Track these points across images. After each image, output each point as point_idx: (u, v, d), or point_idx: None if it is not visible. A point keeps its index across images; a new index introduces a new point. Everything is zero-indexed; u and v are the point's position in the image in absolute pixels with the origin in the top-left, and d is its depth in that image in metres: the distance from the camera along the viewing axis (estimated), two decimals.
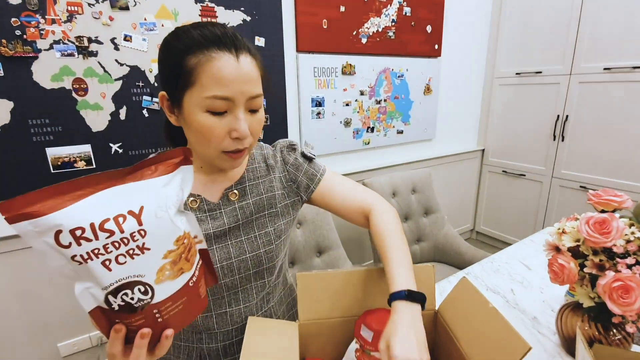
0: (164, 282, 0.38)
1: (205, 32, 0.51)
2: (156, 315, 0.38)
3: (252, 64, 0.53)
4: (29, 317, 1.31)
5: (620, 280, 0.54)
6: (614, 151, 1.98)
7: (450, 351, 0.57)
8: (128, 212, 0.34)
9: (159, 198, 0.37)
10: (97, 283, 0.34)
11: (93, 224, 0.33)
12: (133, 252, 0.35)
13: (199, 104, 0.51)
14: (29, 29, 1.13)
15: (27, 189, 1.16)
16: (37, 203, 0.32)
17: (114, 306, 0.35)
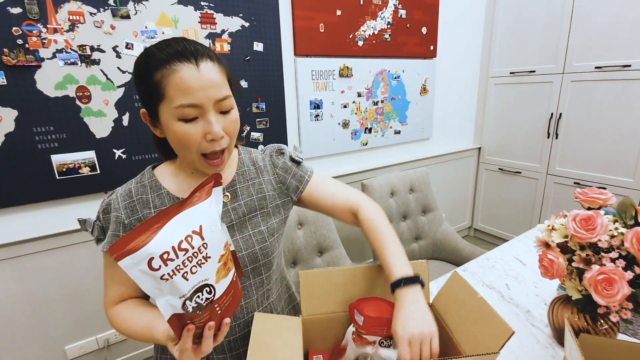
0: (221, 280, 0.47)
1: (166, 49, 0.55)
2: (217, 309, 0.47)
3: (214, 69, 0.56)
4: (36, 321, 1.34)
5: (604, 273, 0.58)
6: (606, 148, 2.02)
7: (442, 340, 0.60)
8: (193, 232, 0.44)
9: (209, 217, 0.47)
10: (177, 293, 0.42)
11: (174, 247, 0.42)
12: (201, 262, 0.44)
13: (171, 114, 0.55)
14: (31, 38, 1.16)
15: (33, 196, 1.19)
16: (132, 241, 0.40)
17: (189, 308, 0.43)
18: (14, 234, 1.25)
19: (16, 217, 1.26)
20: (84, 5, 1.21)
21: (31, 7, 1.14)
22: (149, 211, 0.63)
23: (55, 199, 1.30)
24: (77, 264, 1.38)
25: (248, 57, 1.57)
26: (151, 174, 0.66)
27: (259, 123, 1.68)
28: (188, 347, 0.46)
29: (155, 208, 0.64)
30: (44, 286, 1.33)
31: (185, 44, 0.56)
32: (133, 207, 0.63)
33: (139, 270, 0.40)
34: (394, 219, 1.74)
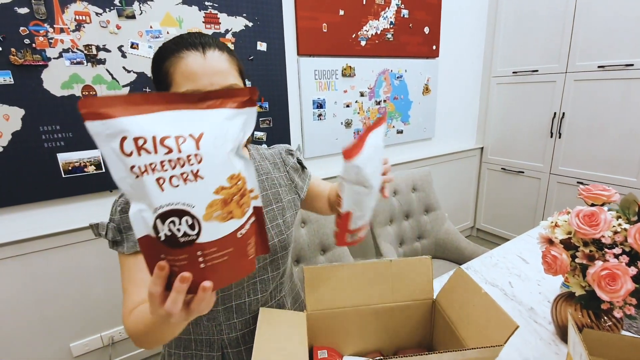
0: (212, 221, 0.36)
1: (178, 40, 0.57)
2: (199, 259, 0.36)
3: (221, 58, 0.57)
4: (43, 318, 1.35)
5: (608, 269, 0.58)
6: (609, 147, 2.01)
7: (447, 336, 0.61)
8: (189, 135, 0.35)
9: (219, 129, 0.37)
10: (149, 204, 0.34)
11: (155, 137, 0.33)
12: (187, 177, 0.35)
13: None
14: (38, 37, 1.17)
15: (40, 195, 1.20)
16: (111, 106, 0.33)
17: (161, 235, 0.35)
18: (21, 231, 1.26)
19: (23, 215, 1.27)
20: (90, 6, 1.22)
21: (38, 7, 1.16)
22: None
23: (62, 197, 1.31)
24: (83, 262, 1.39)
25: (252, 56, 1.58)
26: None
27: (262, 122, 1.69)
28: (155, 293, 0.37)
29: None
30: (50, 283, 1.34)
31: (197, 37, 0.58)
32: None
33: (108, 146, 0.33)
34: (396, 218, 1.74)
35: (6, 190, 1.21)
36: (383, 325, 0.67)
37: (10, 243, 1.23)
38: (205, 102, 0.37)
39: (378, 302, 0.66)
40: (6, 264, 1.25)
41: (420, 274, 0.65)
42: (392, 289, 0.66)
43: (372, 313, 0.66)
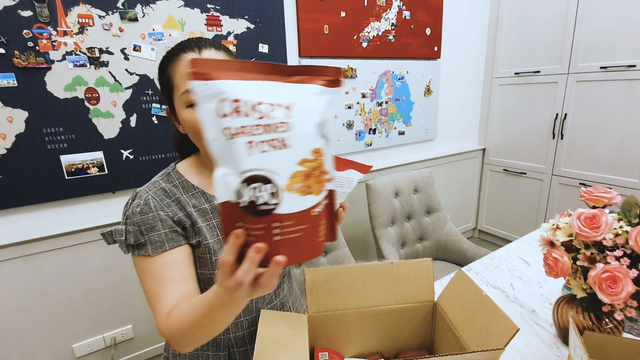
0: (293, 192, 0.37)
1: (176, 45, 0.61)
2: (275, 231, 0.37)
3: (217, 55, 0.60)
4: (45, 318, 1.36)
5: (609, 271, 0.58)
6: (612, 148, 2.01)
7: (448, 338, 0.61)
8: (281, 104, 0.36)
9: (309, 102, 0.38)
10: (236, 167, 0.35)
11: (250, 101, 0.35)
12: (275, 144, 0.36)
13: (180, 102, 0.59)
14: (41, 40, 1.18)
15: (43, 196, 1.21)
16: (216, 69, 0.35)
17: (242, 201, 0.35)
18: (24, 232, 1.27)
19: (27, 216, 1.28)
20: (93, 9, 1.23)
21: (41, 10, 1.17)
22: (190, 209, 0.63)
23: (65, 199, 1.32)
24: (86, 263, 1.40)
25: (253, 58, 1.59)
26: (178, 174, 0.66)
27: None
28: (228, 261, 0.37)
29: (195, 207, 0.63)
30: (53, 284, 1.35)
31: (195, 39, 0.61)
32: (176, 205, 0.62)
33: (207, 107, 0.35)
34: (398, 220, 1.74)
35: (10, 191, 1.21)
36: (384, 328, 0.67)
37: (14, 244, 1.24)
38: (296, 76, 0.39)
39: (379, 304, 0.66)
40: (10, 264, 1.26)
41: (421, 276, 0.66)
42: (393, 291, 0.66)
43: (373, 315, 0.66)
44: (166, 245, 0.59)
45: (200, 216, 0.64)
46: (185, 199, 0.63)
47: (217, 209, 0.65)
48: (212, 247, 0.63)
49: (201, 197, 0.65)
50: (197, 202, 0.64)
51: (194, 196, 0.64)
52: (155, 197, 0.61)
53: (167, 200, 0.62)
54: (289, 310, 0.78)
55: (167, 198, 0.62)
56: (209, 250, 0.63)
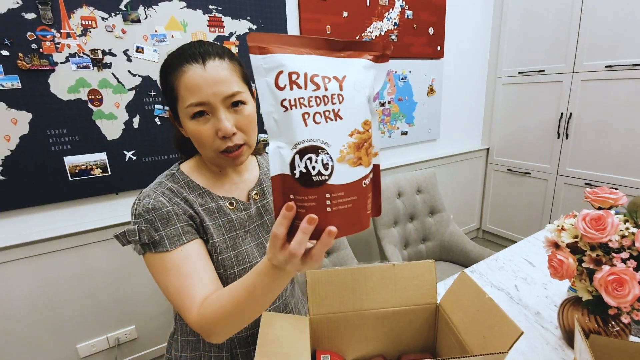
0: (344, 163, 0.37)
1: (179, 54, 0.59)
2: (327, 202, 0.37)
3: (221, 67, 0.57)
4: (50, 318, 1.37)
5: (615, 273, 0.57)
6: (618, 148, 1.98)
7: (450, 341, 0.60)
8: (334, 77, 0.37)
9: (359, 74, 0.39)
10: (290, 140, 0.36)
11: (306, 74, 0.36)
12: (328, 115, 0.37)
13: (184, 113, 0.58)
14: (45, 42, 1.19)
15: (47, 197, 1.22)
16: (273, 43, 0.36)
17: (296, 172, 0.36)
18: (29, 234, 1.28)
19: (31, 217, 1.29)
20: (96, 11, 1.24)
21: (45, 13, 1.18)
22: (198, 207, 0.64)
23: (68, 200, 1.33)
24: (91, 263, 1.40)
25: None
26: (183, 174, 0.67)
27: None
28: (280, 234, 0.37)
29: (202, 206, 0.64)
30: (57, 285, 1.36)
31: (197, 47, 0.59)
32: (185, 203, 0.63)
33: (264, 80, 0.36)
34: (400, 220, 1.73)
35: (15, 192, 1.22)
36: (386, 330, 0.67)
37: (18, 245, 1.25)
38: (346, 51, 0.40)
39: (381, 307, 0.65)
40: (15, 265, 1.27)
41: (424, 278, 0.65)
42: (395, 293, 0.65)
43: (375, 317, 0.66)
44: (184, 238, 0.59)
45: (207, 215, 0.64)
46: (192, 198, 0.64)
47: (223, 210, 0.66)
48: (218, 247, 0.64)
49: (207, 197, 0.66)
50: (204, 202, 0.65)
51: (200, 196, 0.65)
52: (164, 196, 0.62)
53: (175, 199, 0.62)
54: (292, 311, 0.78)
55: (175, 197, 0.63)
56: (215, 249, 0.64)
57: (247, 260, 0.68)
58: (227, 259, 0.65)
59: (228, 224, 0.66)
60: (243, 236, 0.68)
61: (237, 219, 0.68)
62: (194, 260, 0.59)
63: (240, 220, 0.68)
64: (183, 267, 0.57)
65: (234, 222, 0.67)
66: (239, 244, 0.67)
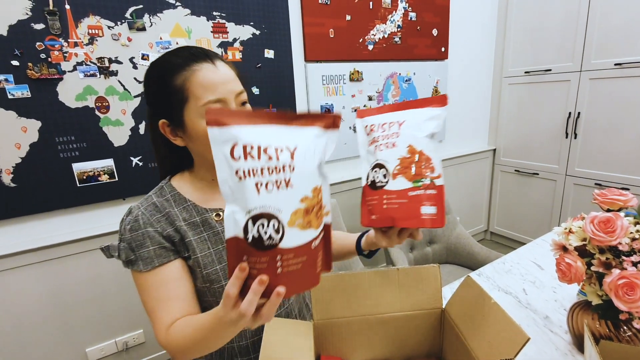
0: (294, 228, 0.40)
1: (180, 54, 0.59)
2: (277, 264, 0.39)
3: (226, 67, 0.60)
4: (60, 323, 1.39)
5: (626, 277, 0.56)
6: (628, 147, 1.95)
7: (456, 346, 0.59)
8: (286, 147, 0.40)
9: (310, 143, 0.42)
10: (244, 206, 0.39)
11: (260, 146, 0.39)
12: (279, 183, 0.39)
13: (199, 113, 0.57)
14: (53, 52, 1.21)
15: (57, 203, 1.23)
16: (228, 117, 0.39)
17: (249, 236, 0.38)
18: (39, 239, 1.30)
19: (40, 223, 1.31)
20: (102, 19, 1.26)
21: (53, 23, 1.20)
22: (180, 223, 0.63)
23: (77, 206, 1.35)
24: (99, 268, 1.42)
25: (259, 64, 1.60)
26: (171, 187, 0.66)
27: None
28: (232, 294, 0.39)
29: (185, 221, 0.63)
30: (67, 289, 1.38)
31: (196, 48, 0.60)
32: (166, 220, 0.62)
33: (221, 151, 0.39)
34: None
35: (25, 199, 1.25)
36: (391, 335, 0.66)
37: (29, 251, 1.27)
38: (298, 120, 0.42)
39: (386, 311, 0.65)
40: (25, 270, 1.29)
41: (428, 282, 0.64)
42: (399, 298, 0.65)
43: (380, 322, 0.65)
44: (155, 262, 0.60)
45: (190, 229, 0.63)
46: (175, 212, 0.63)
47: (209, 223, 0.65)
48: (201, 262, 0.63)
49: (192, 210, 0.65)
50: (188, 216, 0.64)
51: (185, 209, 0.64)
52: (145, 212, 0.62)
53: (157, 215, 0.62)
54: (296, 317, 0.78)
55: (157, 213, 0.62)
56: (198, 265, 0.63)
57: None
58: (212, 273, 0.63)
59: (214, 237, 0.65)
60: None
61: (223, 231, 0.65)
62: (166, 286, 0.60)
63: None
64: (155, 291, 0.60)
65: (220, 234, 0.65)
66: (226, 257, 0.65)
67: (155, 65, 0.60)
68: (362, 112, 0.64)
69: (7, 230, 1.26)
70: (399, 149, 0.57)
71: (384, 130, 0.58)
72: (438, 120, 0.58)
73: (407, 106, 0.60)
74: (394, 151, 0.57)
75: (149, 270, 0.60)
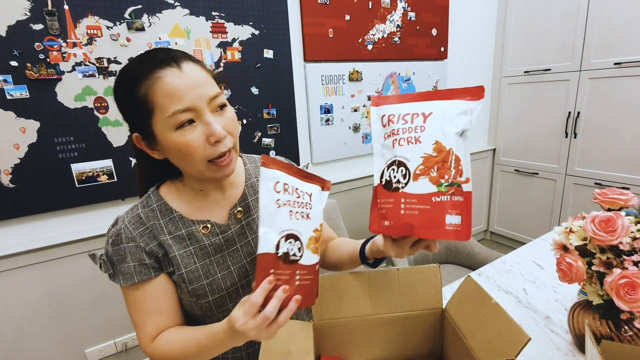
0: (308, 250, 0.50)
1: (143, 61, 0.53)
2: (296, 277, 0.48)
3: (196, 68, 0.54)
4: (59, 324, 1.38)
5: (627, 277, 0.55)
6: (628, 146, 1.94)
7: (457, 347, 0.59)
8: (306, 192, 0.52)
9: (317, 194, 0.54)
10: (278, 227, 0.47)
11: (294, 186, 0.50)
12: (303, 214, 0.50)
13: (166, 125, 0.52)
14: (52, 52, 1.21)
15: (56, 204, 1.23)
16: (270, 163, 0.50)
17: (280, 252, 0.46)
18: (38, 240, 1.30)
19: (40, 224, 1.31)
20: (101, 20, 1.26)
21: (52, 23, 1.20)
22: (164, 237, 0.60)
23: (76, 206, 1.35)
24: (98, 269, 1.41)
25: (259, 64, 1.60)
26: (158, 197, 0.63)
27: (270, 129, 1.70)
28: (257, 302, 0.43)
29: (170, 234, 0.60)
30: (66, 290, 1.37)
31: (163, 51, 0.54)
32: (149, 234, 0.60)
33: (266, 185, 0.48)
34: None
35: (24, 200, 1.24)
36: (391, 335, 0.66)
37: (28, 251, 1.27)
38: (309, 179, 0.55)
39: (386, 312, 0.64)
40: (24, 271, 1.29)
41: (428, 282, 0.64)
42: (399, 298, 0.64)
43: (380, 322, 0.65)
44: (135, 278, 0.59)
45: (175, 243, 0.61)
46: (160, 225, 0.60)
47: (195, 236, 0.62)
48: (186, 277, 0.61)
49: (179, 222, 0.61)
50: (174, 228, 0.61)
51: (172, 221, 0.61)
52: (129, 225, 0.59)
53: (141, 228, 0.59)
54: (296, 317, 0.77)
55: (141, 226, 0.60)
56: (183, 280, 0.61)
57: (222, 287, 0.63)
58: (199, 289, 0.61)
59: (200, 250, 0.62)
60: (220, 261, 0.63)
61: (211, 244, 0.63)
62: (148, 301, 0.60)
63: (215, 246, 0.63)
64: (137, 305, 0.60)
65: (208, 248, 0.63)
66: (214, 271, 0.63)
67: (120, 74, 0.55)
68: (379, 99, 0.55)
69: (6, 231, 1.26)
70: (423, 146, 0.49)
71: (406, 122, 0.50)
72: (471, 116, 0.51)
73: (435, 96, 0.52)
74: (418, 147, 0.49)
75: (129, 286, 0.59)
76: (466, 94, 0.52)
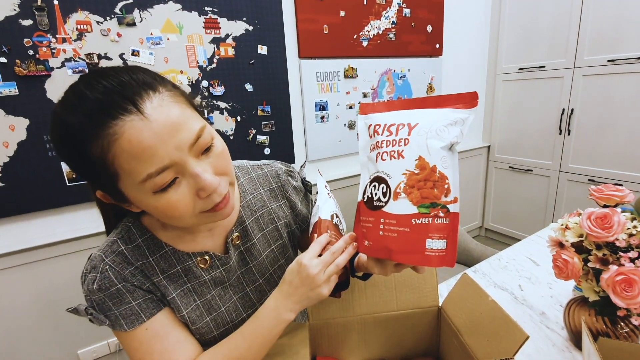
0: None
1: (82, 106, 0.37)
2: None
3: (165, 103, 0.40)
4: (51, 325, 1.36)
5: (623, 273, 0.55)
6: (621, 143, 1.96)
7: (454, 345, 0.58)
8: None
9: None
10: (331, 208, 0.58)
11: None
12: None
13: (140, 190, 0.41)
14: (41, 48, 1.18)
15: (46, 203, 1.21)
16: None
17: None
18: (28, 240, 1.27)
19: (30, 223, 1.28)
20: (91, 15, 1.23)
21: (41, 19, 1.17)
22: (158, 278, 0.52)
23: (67, 205, 1.32)
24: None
25: (252, 60, 1.58)
26: (141, 229, 0.52)
27: (265, 126, 1.68)
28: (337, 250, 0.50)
29: (164, 273, 0.52)
30: (57, 291, 1.35)
31: (108, 86, 0.38)
32: (141, 274, 0.51)
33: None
34: None
35: (14, 199, 1.22)
36: (387, 334, 0.65)
37: (18, 252, 1.24)
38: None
39: (382, 311, 0.64)
40: (15, 272, 1.26)
41: (424, 280, 0.63)
42: (395, 297, 0.64)
43: (376, 322, 0.64)
44: (143, 316, 0.49)
45: (171, 283, 0.53)
46: (151, 264, 0.51)
47: (193, 272, 0.55)
48: (188, 319, 0.54)
49: (172, 258, 0.53)
50: (167, 266, 0.52)
51: (163, 257, 0.52)
52: (114, 266, 0.49)
53: (129, 268, 0.50)
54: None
55: (129, 266, 0.50)
56: (185, 321, 0.55)
57: (227, 320, 0.58)
58: (203, 327, 0.56)
59: (200, 287, 0.55)
60: (221, 293, 0.58)
61: (212, 279, 0.56)
62: (163, 337, 0.51)
63: (216, 279, 0.57)
64: (153, 345, 0.50)
65: (208, 283, 0.56)
66: (217, 305, 0.57)
67: (55, 127, 0.40)
68: (367, 106, 0.51)
69: None
70: (406, 161, 0.44)
71: (390, 134, 0.46)
72: (462, 127, 0.45)
73: (425, 104, 0.47)
74: (400, 163, 0.44)
75: (136, 328, 0.49)
76: (458, 101, 0.46)
